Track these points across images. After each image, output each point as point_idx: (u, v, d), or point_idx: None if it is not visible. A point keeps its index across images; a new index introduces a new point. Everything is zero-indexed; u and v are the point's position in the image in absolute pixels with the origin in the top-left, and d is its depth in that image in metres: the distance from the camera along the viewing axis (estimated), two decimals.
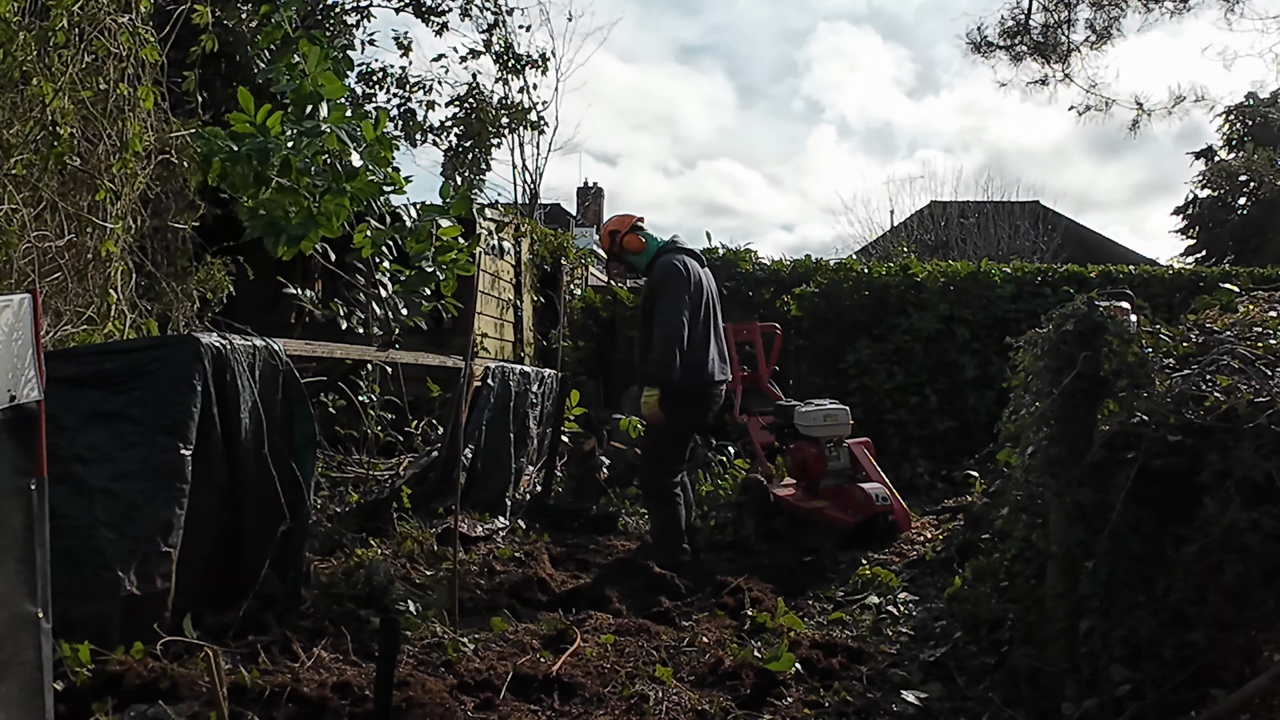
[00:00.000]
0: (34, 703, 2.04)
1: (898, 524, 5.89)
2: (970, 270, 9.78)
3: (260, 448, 3.65)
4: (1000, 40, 9.90)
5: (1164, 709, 2.75)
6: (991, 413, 7.52)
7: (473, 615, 4.17)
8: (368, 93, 10.03)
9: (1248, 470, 2.71)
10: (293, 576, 3.82)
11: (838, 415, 6.25)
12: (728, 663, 3.66)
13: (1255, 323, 3.59)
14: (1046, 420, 3.34)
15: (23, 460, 2.03)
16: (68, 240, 4.19)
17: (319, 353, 4.66)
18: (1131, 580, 2.94)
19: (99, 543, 3.08)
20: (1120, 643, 2.87)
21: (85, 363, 3.29)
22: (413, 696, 3.07)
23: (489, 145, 10.35)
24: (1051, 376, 3.35)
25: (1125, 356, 3.19)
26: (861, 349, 9.42)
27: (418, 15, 10.05)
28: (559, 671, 3.46)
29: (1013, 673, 3.29)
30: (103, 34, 4.34)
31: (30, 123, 3.98)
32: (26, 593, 2.02)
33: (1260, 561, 2.64)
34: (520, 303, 9.37)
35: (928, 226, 23.42)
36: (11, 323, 1.97)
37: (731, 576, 5.05)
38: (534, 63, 10.55)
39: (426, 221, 4.72)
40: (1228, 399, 2.90)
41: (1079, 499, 3.11)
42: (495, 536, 5.64)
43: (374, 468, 5.74)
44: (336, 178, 4.23)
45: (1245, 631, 2.72)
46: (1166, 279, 9.94)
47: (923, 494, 7.79)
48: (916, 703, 3.39)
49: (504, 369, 6.23)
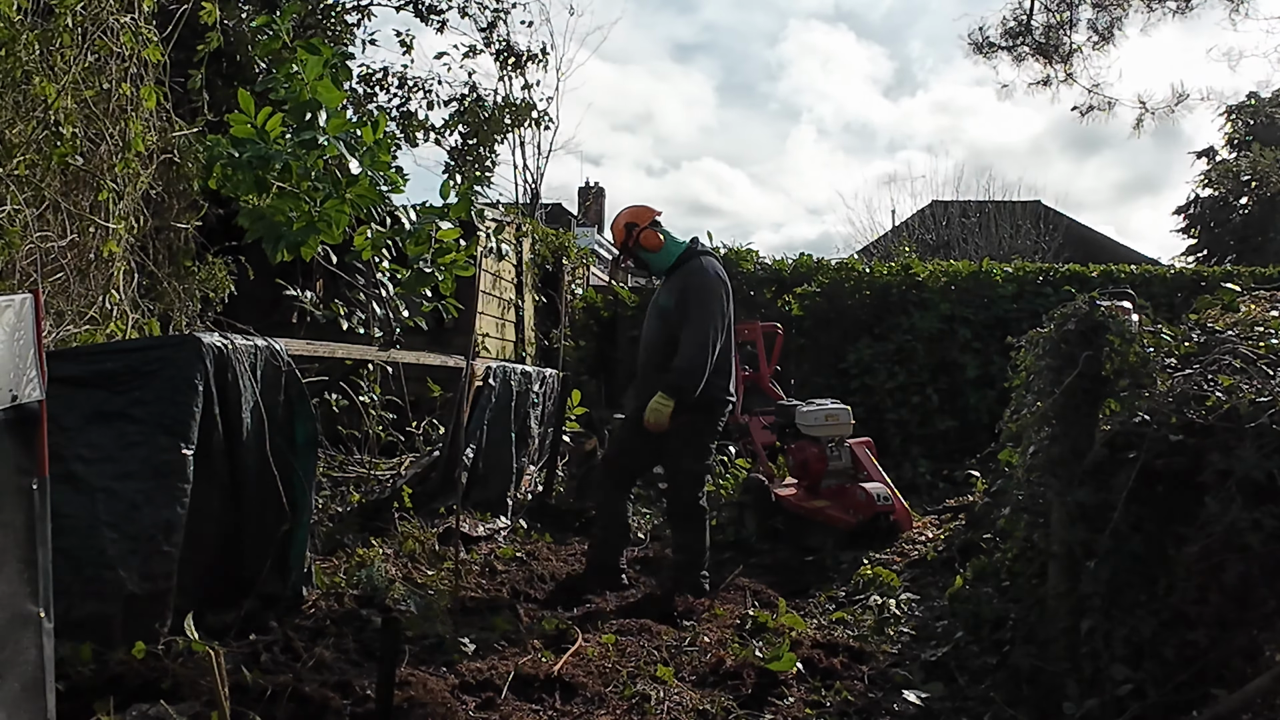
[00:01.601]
0: (35, 702, 2.04)
1: (899, 524, 5.89)
2: (972, 270, 9.78)
3: (262, 447, 3.66)
4: (1002, 41, 9.90)
5: (1165, 708, 2.75)
6: (993, 412, 7.51)
7: (474, 615, 4.17)
8: (368, 93, 10.04)
9: (1249, 470, 2.71)
10: (294, 576, 3.82)
11: (839, 415, 6.25)
12: (729, 662, 3.66)
13: (1257, 322, 3.59)
14: (1048, 420, 3.34)
15: (25, 460, 2.03)
16: (70, 240, 4.19)
17: (320, 352, 4.66)
18: (1133, 580, 2.94)
19: (101, 542, 3.08)
20: (1122, 642, 2.87)
21: (87, 362, 3.29)
22: (414, 696, 3.07)
23: (492, 143, 10.34)
24: (1053, 376, 3.35)
25: (1127, 356, 3.19)
26: (863, 348, 9.42)
27: (417, 14, 10.05)
28: (560, 671, 3.46)
29: (1014, 672, 3.29)
30: (105, 34, 4.34)
31: (33, 122, 3.98)
32: (28, 592, 2.03)
33: (1262, 561, 2.64)
34: (521, 302, 9.37)
35: (929, 226, 23.41)
36: (14, 322, 1.97)
37: (733, 576, 5.06)
38: (534, 58, 10.54)
39: (426, 223, 4.73)
40: (1229, 398, 2.90)
41: (1080, 498, 3.11)
42: (497, 536, 5.64)
43: (375, 467, 5.74)
44: (336, 184, 4.25)
45: (1247, 631, 2.72)
46: (1168, 278, 9.94)
47: (924, 493, 7.80)
48: (918, 702, 3.39)
49: (505, 369, 6.23)
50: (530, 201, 13.88)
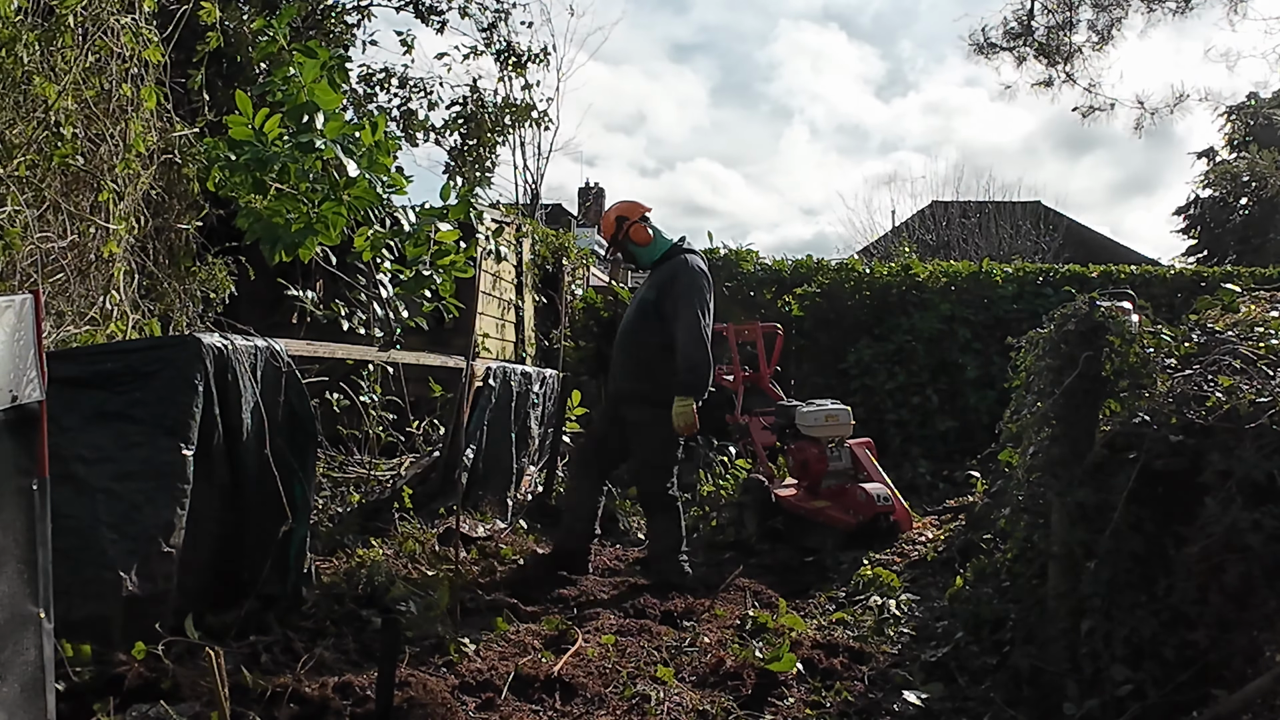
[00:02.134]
0: (36, 702, 2.05)
1: (899, 524, 5.88)
2: (972, 270, 9.78)
3: (262, 448, 3.66)
4: (1004, 42, 9.91)
5: (1166, 709, 2.74)
6: (993, 413, 7.51)
7: (474, 615, 4.17)
8: (369, 93, 10.04)
9: (1249, 470, 2.71)
10: (294, 577, 3.82)
11: (839, 415, 6.25)
12: (729, 663, 3.66)
13: (1257, 323, 3.59)
14: (1048, 420, 3.34)
15: (25, 460, 2.03)
16: (70, 241, 4.19)
17: (321, 353, 4.66)
18: (1133, 580, 2.94)
19: (101, 543, 3.09)
20: (1122, 643, 2.87)
21: (87, 363, 3.29)
22: (414, 697, 3.07)
23: (492, 144, 10.34)
24: (1053, 376, 3.35)
25: (1127, 356, 3.19)
26: (863, 349, 9.41)
27: (417, 15, 10.05)
28: (560, 672, 3.46)
29: (1014, 673, 3.29)
30: (106, 34, 4.34)
31: (33, 123, 3.98)
32: (28, 593, 2.03)
33: (1262, 561, 2.64)
34: (521, 303, 9.37)
35: (929, 226, 23.41)
36: (14, 323, 1.97)
37: (733, 577, 5.05)
38: (535, 58, 10.54)
39: (425, 225, 4.74)
40: (1229, 399, 2.90)
41: (1080, 499, 3.11)
42: (497, 536, 5.64)
43: (375, 468, 5.74)
44: (334, 186, 4.25)
45: (1247, 631, 2.71)
46: (1168, 279, 9.93)
47: (924, 494, 7.79)
48: (918, 703, 3.39)
49: (505, 369, 6.23)
50: (530, 202, 13.88)
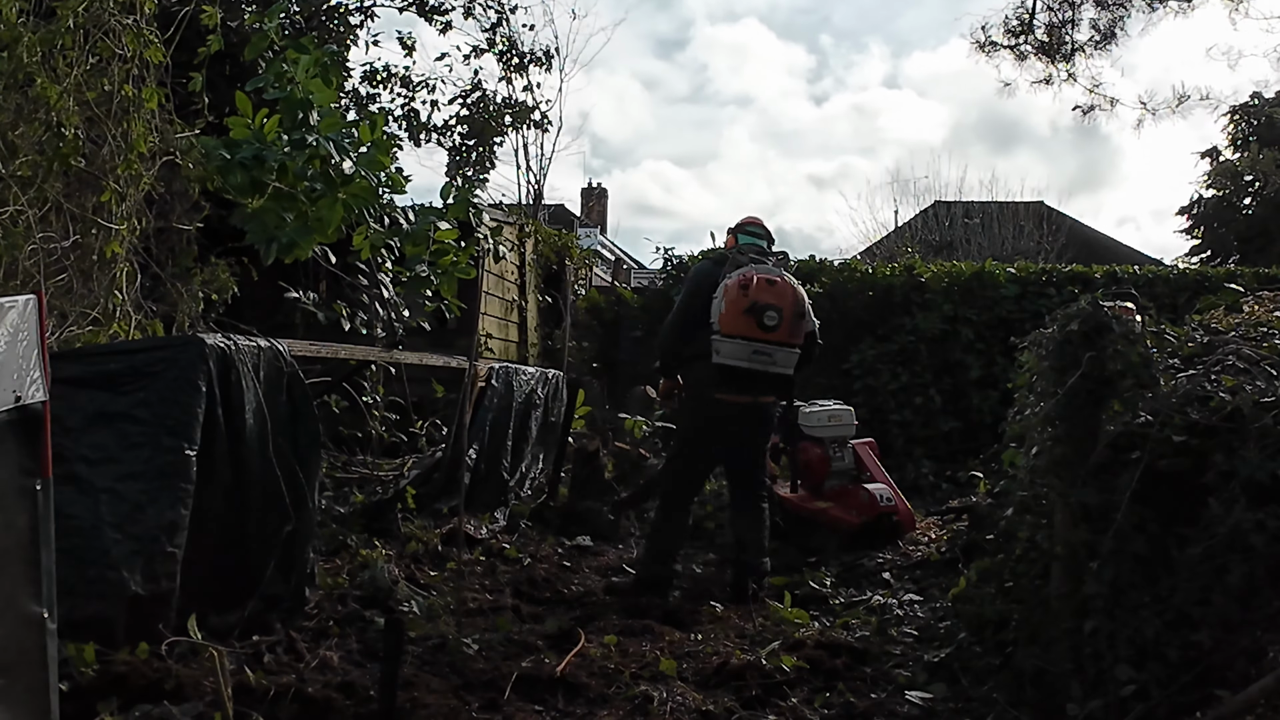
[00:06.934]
0: (39, 702, 2.05)
1: (902, 524, 5.88)
2: (975, 271, 9.76)
3: (265, 448, 3.66)
4: (1005, 40, 9.88)
5: (1169, 710, 2.74)
6: (996, 413, 7.51)
7: (477, 615, 4.17)
8: (371, 93, 10.05)
9: (1253, 471, 2.71)
10: (297, 577, 3.82)
11: (842, 416, 6.25)
12: (732, 663, 3.65)
13: (1260, 323, 3.58)
14: (1051, 421, 3.33)
15: (28, 461, 2.03)
16: (73, 241, 4.19)
17: (323, 353, 4.66)
18: (1136, 581, 2.93)
19: (104, 543, 3.09)
20: (1125, 643, 2.86)
21: (90, 363, 3.30)
22: (417, 697, 3.08)
23: (493, 143, 10.35)
24: (1056, 377, 3.34)
25: (1130, 357, 3.18)
26: (866, 349, 9.40)
27: (421, 14, 10.05)
28: (563, 672, 3.46)
29: (1017, 673, 3.29)
30: (107, 35, 4.34)
31: (35, 124, 3.98)
32: (32, 593, 2.03)
33: (1265, 562, 2.63)
34: (525, 303, 9.37)
35: (932, 227, 23.38)
36: (17, 323, 1.98)
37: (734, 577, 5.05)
38: (538, 60, 10.55)
39: (424, 224, 4.74)
40: (1233, 399, 2.89)
41: (1084, 499, 3.11)
42: (500, 537, 5.64)
43: (378, 468, 5.75)
44: (330, 183, 4.24)
45: (1250, 632, 2.71)
46: (1171, 279, 9.91)
47: (927, 494, 7.79)
48: (921, 703, 3.39)
49: (508, 369, 6.23)
50: (533, 203, 13.89)
